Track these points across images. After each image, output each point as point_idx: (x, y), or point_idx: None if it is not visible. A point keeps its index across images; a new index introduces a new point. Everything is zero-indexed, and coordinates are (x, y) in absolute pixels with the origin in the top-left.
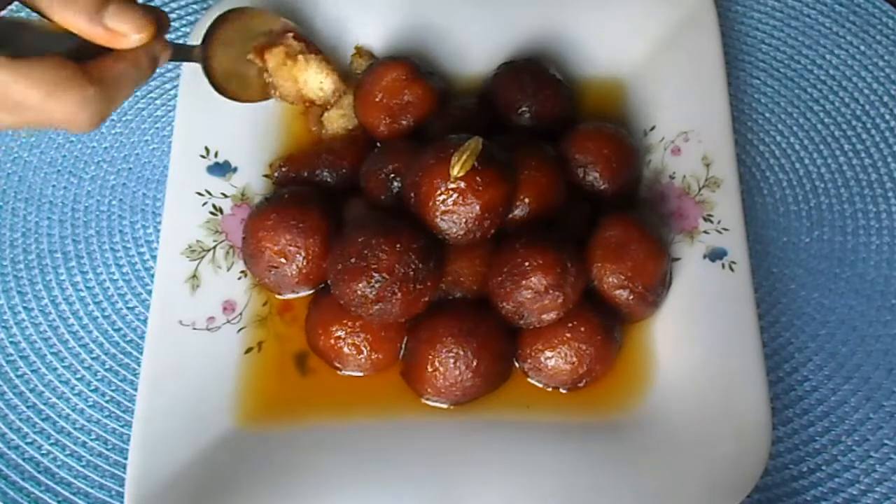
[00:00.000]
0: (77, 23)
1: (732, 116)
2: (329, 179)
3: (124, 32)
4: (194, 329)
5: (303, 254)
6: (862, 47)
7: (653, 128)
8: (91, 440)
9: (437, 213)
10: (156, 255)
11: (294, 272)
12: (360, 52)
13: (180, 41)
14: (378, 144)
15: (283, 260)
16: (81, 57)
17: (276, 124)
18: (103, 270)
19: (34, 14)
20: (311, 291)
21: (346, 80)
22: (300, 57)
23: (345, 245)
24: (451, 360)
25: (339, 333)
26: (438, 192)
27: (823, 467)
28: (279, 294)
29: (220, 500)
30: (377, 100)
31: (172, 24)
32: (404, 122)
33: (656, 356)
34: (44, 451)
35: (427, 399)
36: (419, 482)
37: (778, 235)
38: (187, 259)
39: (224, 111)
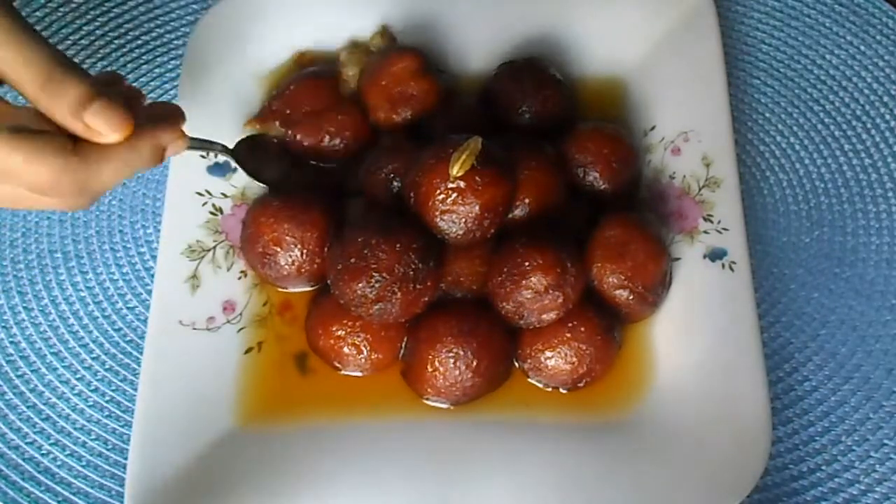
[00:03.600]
0: (60, 115)
1: (732, 116)
2: (337, 144)
3: (101, 131)
4: (194, 329)
5: (298, 246)
6: (862, 47)
7: (653, 128)
8: (91, 440)
9: (437, 213)
10: (156, 255)
11: (287, 263)
12: (383, 32)
13: (180, 41)
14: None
15: (277, 249)
16: None
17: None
18: (103, 270)
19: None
20: (303, 288)
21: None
22: None
23: (345, 245)
24: (451, 360)
25: (339, 333)
26: (438, 191)
27: (823, 467)
28: (270, 283)
29: (220, 500)
30: (382, 84)
31: (172, 23)
32: (402, 114)
33: (656, 356)
34: (44, 451)
35: (427, 399)
36: (419, 482)
37: (778, 235)
38: (187, 259)
39: (224, 111)
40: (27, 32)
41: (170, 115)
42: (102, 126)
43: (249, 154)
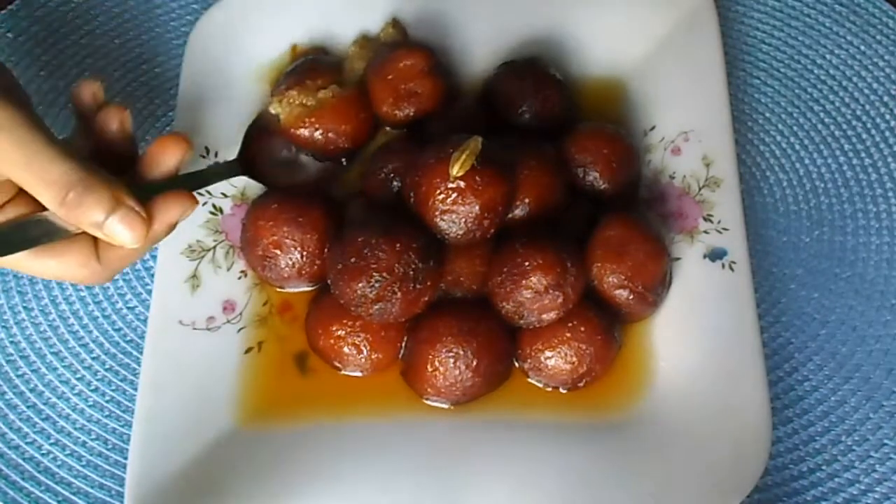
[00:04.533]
0: (81, 226)
1: (732, 116)
2: (337, 142)
3: (121, 242)
4: (194, 329)
5: (298, 249)
6: (862, 47)
7: (653, 128)
8: (91, 440)
9: (437, 213)
10: (156, 254)
11: (287, 266)
12: (395, 24)
13: (180, 41)
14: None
15: (277, 252)
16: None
17: None
18: None
19: None
20: (304, 288)
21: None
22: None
23: (344, 245)
24: (451, 360)
25: (339, 333)
26: (438, 191)
27: (823, 467)
28: (270, 284)
29: (220, 500)
30: (388, 78)
31: (172, 23)
32: (405, 111)
33: (656, 356)
34: (44, 451)
35: (427, 399)
36: (419, 482)
37: (778, 235)
38: (187, 259)
39: (224, 111)
40: (46, 149)
41: (169, 159)
42: (122, 240)
43: (254, 161)
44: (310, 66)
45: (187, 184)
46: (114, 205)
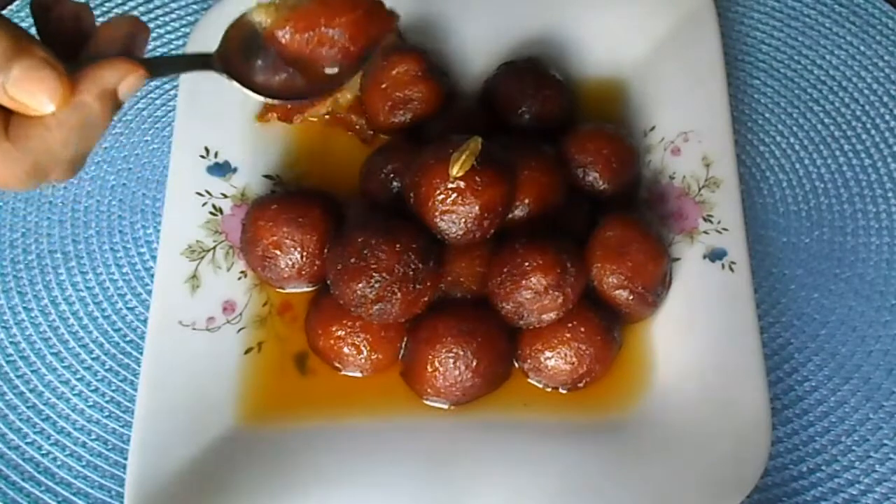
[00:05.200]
0: None
1: (732, 116)
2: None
3: (33, 104)
4: (194, 329)
5: (298, 249)
6: (862, 47)
7: (653, 128)
8: (91, 440)
9: (437, 213)
10: (156, 255)
11: (287, 266)
12: None
13: (180, 41)
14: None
15: (277, 252)
16: None
17: (277, 124)
18: (103, 270)
19: None
20: (303, 289)
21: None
22: None
23: (344, 245)
24: (451, 360)
25: (339, 333)
26: (438, 191)
27: (823, 467)
28: (270, 285)
29: (221, 500)
30: (383, 87)
31: (172, 23)
32: (402, 118)
33: (656, 356)
34: (44, 451)
35: (427, 399)
36: (419, 482)
37: (778, 235)
38: (187, 259)
39: (224, 111)
40: None
41: (121, 38)
42: (30, 99)
43: (234, 62)
44: None
45: (147, 66)
46: (13, 53)
